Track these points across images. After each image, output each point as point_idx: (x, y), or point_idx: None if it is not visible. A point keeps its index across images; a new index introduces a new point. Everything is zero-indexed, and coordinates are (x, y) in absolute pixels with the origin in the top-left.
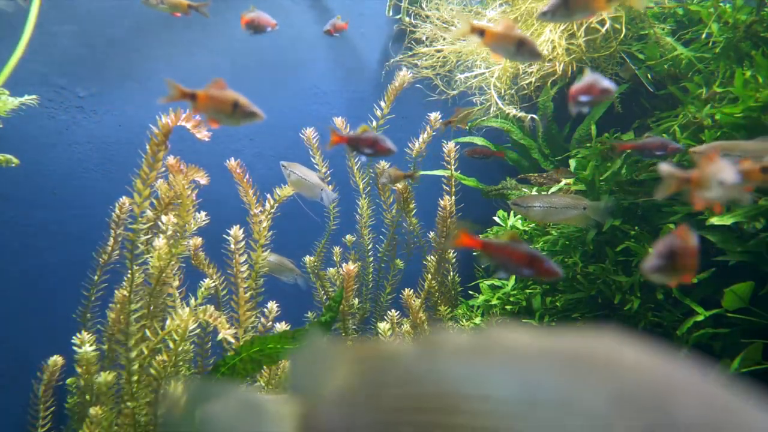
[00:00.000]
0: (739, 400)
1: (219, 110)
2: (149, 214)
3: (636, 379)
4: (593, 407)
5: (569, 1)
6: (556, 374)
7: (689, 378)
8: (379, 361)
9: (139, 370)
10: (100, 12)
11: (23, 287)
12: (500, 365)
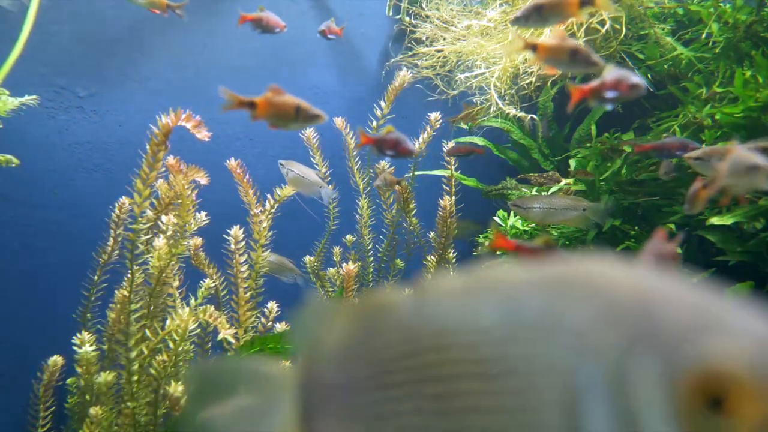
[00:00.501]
0: (728, 304)
1: (280, 116)
2: (149, 214)
3: (619, 293)
4: (577, 324)
5: (542, 8)
6: (540, 297)
7: (675, 288)
8: (375, 312)
9: (139, 370)
10: (100, 12)
11: (23, 287)
12: (488, 298)
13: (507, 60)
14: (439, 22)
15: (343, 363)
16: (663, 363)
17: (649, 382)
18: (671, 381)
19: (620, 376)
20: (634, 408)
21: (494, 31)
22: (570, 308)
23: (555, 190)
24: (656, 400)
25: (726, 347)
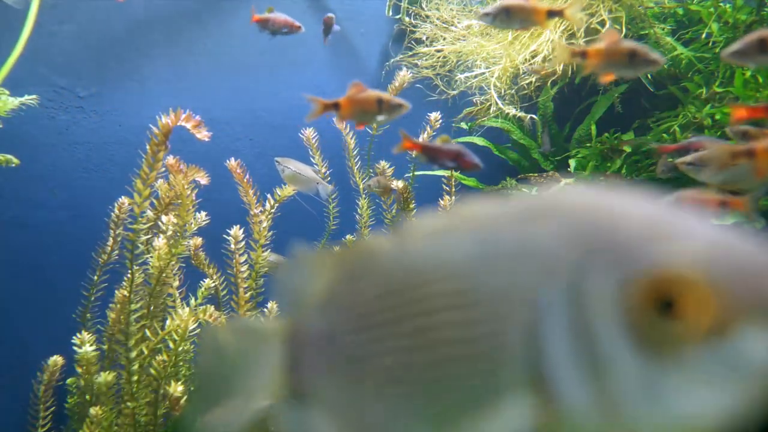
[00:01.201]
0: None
1: (365, 111)
2: (149, 214)
3: (578, 213)
4: (539, 246)
5: (510, 10)
6: (508, 226)
7: (633, 204)
8: (356, 258)
9: (139, 370)
10: (100, 12)
11: (23, 287)
12: (461, 232)
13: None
14: (439, 22)
15: (326, 311)
16: (615, 274)
17: (603, 295)
18: (622, 290)
19: (577, 292)
20: (590, 322)
21: (494, 31)
22: (534, 232)
23: None
24: (609, 312)
25: (674, 252)
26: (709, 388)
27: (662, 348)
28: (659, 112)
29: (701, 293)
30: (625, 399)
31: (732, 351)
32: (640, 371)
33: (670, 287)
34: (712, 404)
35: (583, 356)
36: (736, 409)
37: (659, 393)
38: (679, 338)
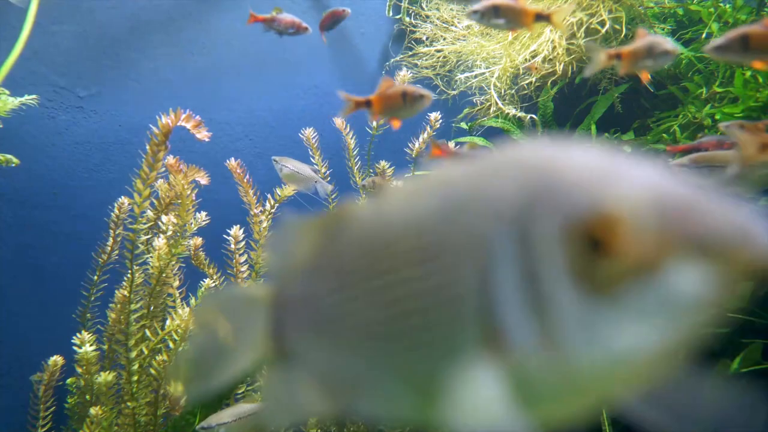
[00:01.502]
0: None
1: (393, 106)
2: (149, 214)
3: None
4: (492, 195)
5: (499, 9)
6: (468, 180)
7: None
8: (336, 223)
9: (139, 370)
10: (100, 12)
11: (23, 287)
12: (428, 191)
13: (506, 60)
14: (439, 22)
15: (308, 274)
16: (556, 217)
17: (546, 239)
18: (562, 232)
19: (524, 238)
20: (536, 266)
21: (494, 31)
22: (487, 185)
23: None
24: (552, 255)
25: (608, 194)
26: (642, 323)
27: (599, 287)
28: (659, 112)
29: (631, 231)
30: (568, 340)
31: (662, 286)
32: (581, 312)
33: (603, 227)
34: (645, 339)
35: (530, 300)
36: (668, 343)
37: (598, 332)
38: (614, 276)
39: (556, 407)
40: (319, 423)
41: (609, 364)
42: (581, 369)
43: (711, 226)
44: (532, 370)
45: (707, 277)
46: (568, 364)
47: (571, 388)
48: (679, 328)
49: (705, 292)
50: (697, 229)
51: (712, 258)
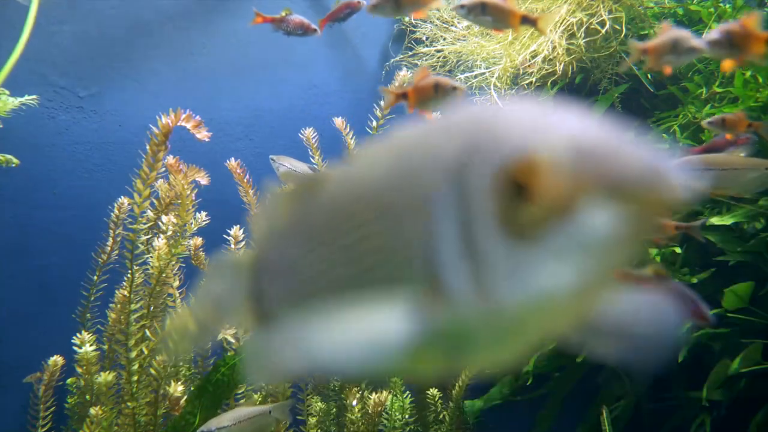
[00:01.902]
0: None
1: (425, 97)
2: (149, 214)
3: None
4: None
5: (486, 7)
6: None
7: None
8: (309, 192)
9: (139, 370)
10: (100, 12)
11: (23, 287)
12: (386, 152)
13: (506, 60)
14: (439, 22)
15: (283, 240)
16: (487, 166)
17: (479, 187)
18: (491, 180)
19: (461, 188)
20: (470, 213)
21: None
22: (433, 141)
23: None
24: (483, 202)
25: (530, 142)
26: (560, 263)
27: (524, 231)
28: (659, 112)
29: (549, 175)
30: (497, 284)
31: (579, 227)
32: (508, 256)
33: (525, 172)
34: (563, 279)
35: (465, 248)
36: (585, 281)
37: (521, 273)
38: (536, 220)
39: (493, 350)
40: (319, 423)
41: (535, 304)
42: (511, 311)
43: (623, 168)
44: (469, 316)
45: (621, 216)
46: (499, 307)
47: (505, 331)
48: (598, 266)
49: (620, 230)
50: (610, 171)
51: (624, 198)
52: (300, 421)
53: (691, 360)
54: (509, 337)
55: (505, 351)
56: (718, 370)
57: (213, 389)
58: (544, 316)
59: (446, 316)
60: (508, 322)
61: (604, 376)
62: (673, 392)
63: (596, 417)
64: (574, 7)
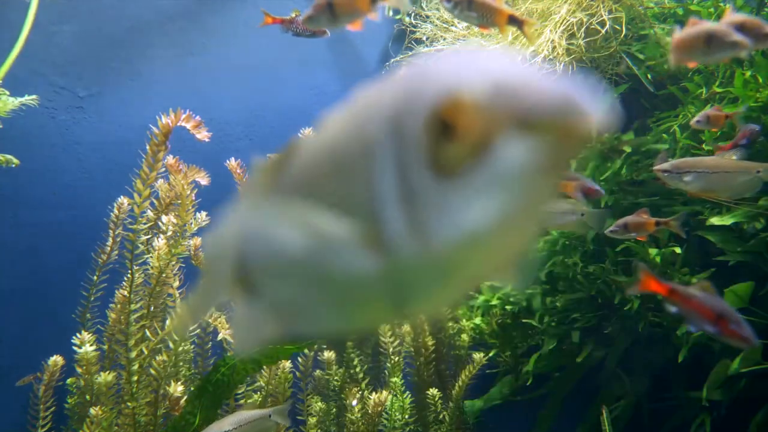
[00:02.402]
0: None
1: None
2: (149, 214)
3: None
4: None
5: (473, 4)
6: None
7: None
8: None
9: (139, 370)
10: (100, 12)
11: (23, 287)
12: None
13: None
14: (440, 22)
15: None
16: (418, 108)
17: (411, 129)
18: (421, 120)
19: (398, 134)
20: (405, 158)
21: (494, 31)
22: (380, 93)
23: None
24: (414, 143)
25: (454, 80)
26: (485, 199)
27: (451, 169)
28: (659, 112)
29: (470, 111)
30: (428, 222)
31: (498, 161)
32: (437, 194)
33: (448, 110)
34: (488, 214)
35: (401, 189)
36: (509, 215)
37: (450, 211)
38: (460, 157)
39: (432, 292)
40: (319, 423)
41: (465, 241)
42: (444, 250)
43: (536, 99)
44: (407, 258)
45: (538, 147)
46: (433, 246)
47: (441, 271)
48: (520, 200)
49: (537, 162)
50: (523, 103)
51: (539, 129)
52: (300, 421)
53: (691, 360)
54: (446, 278)
55: (444, 293)
56: (718, 370)
57: (213, 389)
58: (475, 254)
59: (387, 260)
60: (442, 261)
61: (604, 376)
62: (673, 392)
63: (596, 417)
64: (574, 7)
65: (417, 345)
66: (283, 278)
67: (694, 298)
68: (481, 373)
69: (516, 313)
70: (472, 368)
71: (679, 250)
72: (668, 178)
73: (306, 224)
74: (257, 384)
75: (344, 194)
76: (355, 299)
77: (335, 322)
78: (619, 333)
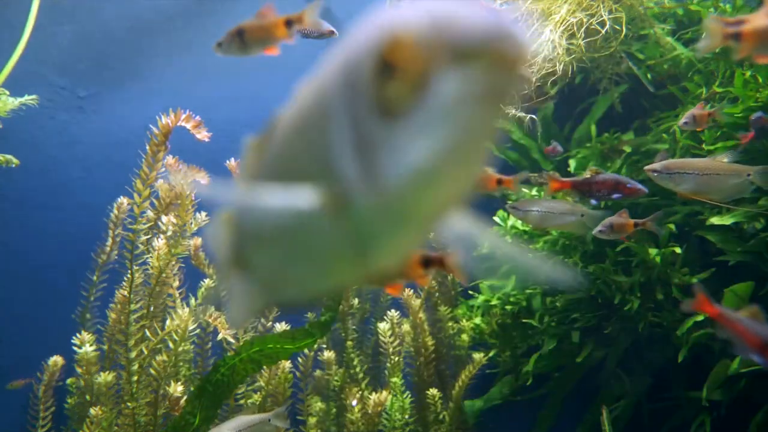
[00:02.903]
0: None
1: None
2: (149, 214)
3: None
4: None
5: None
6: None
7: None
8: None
9: (139, 370)
10: (100, 12)
11: (23, 287)
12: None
13: None
14: None
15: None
16: (367, 55)
17: (361, 76)
18: (369, 65)
19: (350, 84)
20: (355, 106)
21: None
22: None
23: None
24: (364, 89)
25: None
26: (427, 135)
27: (394, 110)
28: (659, 112)
29: (408, 48)
30: (379, 164)
31: (437, 97)
32: (385, 135)
33: (389, 50)
34: (431, 149)
35: (354, 139)
36: (452, 148)
37: (397, 153)
38: (402, 97)
39: (392, 239)
40: (319, 423)
41: (415, 179)
42: (397, 191)
43: (466, 30)
44: (365, 208)
45: (472, 77)
46: (386, 190)
47: (397, 215)
48: (464, 132)
49: (473, 91)
50: (454, 34)
51: (471, 58)
52: (300, 421)
53: (691, 360)
54: (402, 220)
55: (403, 238)
56: (718, 370)
57: (213, 389)
58: (426, 191)
59: (347, 213)
60: (396, 202)
61: (604, 376)
62: (673, 392)
63: (596, 417)
64: (574, 7)
65: (417, 345)
66: (267, 248)
67: (740, 323)
68: (481, 373)
69: (516, 313)
70: (472, 368)
71: (679, 250)
72: (658, 178)
73: (278, 196)
74: (257, 384)
75: (308, 158)
76: (326, 258)
77: (313, 284)
78: (619, 333)
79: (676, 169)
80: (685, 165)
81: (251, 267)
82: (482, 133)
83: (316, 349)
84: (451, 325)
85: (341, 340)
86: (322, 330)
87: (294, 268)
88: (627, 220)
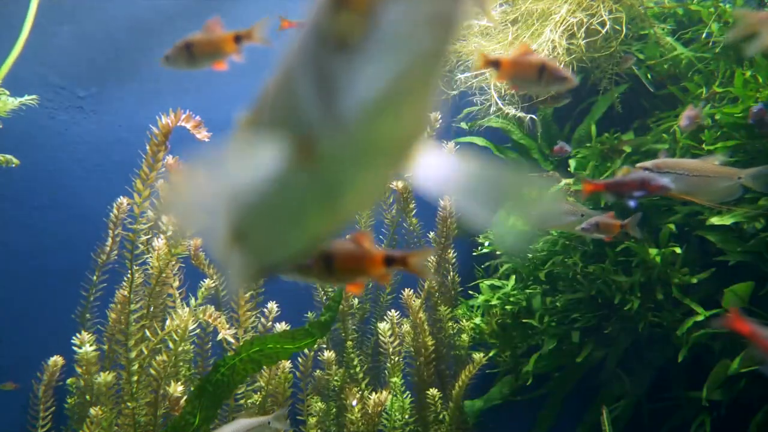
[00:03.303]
0: None
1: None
2: (149, 214)
3: None
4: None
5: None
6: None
7: None
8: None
9: (139, 370)
10: (100, 12)
11: (23, 287)
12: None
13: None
14: None
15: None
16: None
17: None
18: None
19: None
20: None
21: (494, 31)
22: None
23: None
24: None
25: None
26: (378, 64)
27: (346, 42)
28: (659, 112)
29: None
30: (339, 100)
31: (384, 24)
32: (340, 71)
33: None
34: (384, 78)
35: (315, 77)
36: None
37: (353, 85)
38: (352, 27)
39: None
40: (319, 423)
41: (372, 111)
42: (356, 126)
43: None
44: (329, 148)
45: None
46: (346, 125)
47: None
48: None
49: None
50: None
51: None
52: (300, 421)
53: (691, 360)
54: (365, 158)
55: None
56: (718, 370)
57: (213, 389)
58: (384, 123)
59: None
60: (358, 137)
61: (604, 376)
62: (673, 392)
63: (596, 417)
64: (575, 7)
65: (417, 345)
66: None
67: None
68: (481, 373)
69: (516, 313)
70: (472, 368)
71: (679, 250)
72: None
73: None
74: (257, 384)
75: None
76: (302, 209)
77: (295, 240)
78: (619, 333)
79: (667, 169)
80: (676, 165)
81: (243, 238)
82: (433, 58)
83: (316, 349)
84: (451, 325)
85: (341, 340)
86: (322, 330)
87: (277, 226)
88: (614, 220)
